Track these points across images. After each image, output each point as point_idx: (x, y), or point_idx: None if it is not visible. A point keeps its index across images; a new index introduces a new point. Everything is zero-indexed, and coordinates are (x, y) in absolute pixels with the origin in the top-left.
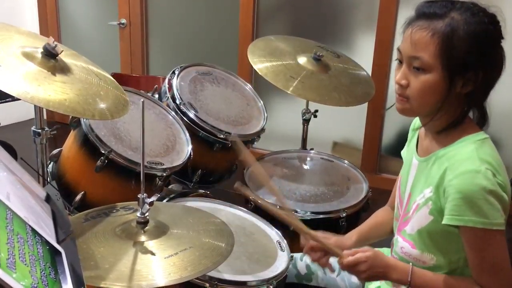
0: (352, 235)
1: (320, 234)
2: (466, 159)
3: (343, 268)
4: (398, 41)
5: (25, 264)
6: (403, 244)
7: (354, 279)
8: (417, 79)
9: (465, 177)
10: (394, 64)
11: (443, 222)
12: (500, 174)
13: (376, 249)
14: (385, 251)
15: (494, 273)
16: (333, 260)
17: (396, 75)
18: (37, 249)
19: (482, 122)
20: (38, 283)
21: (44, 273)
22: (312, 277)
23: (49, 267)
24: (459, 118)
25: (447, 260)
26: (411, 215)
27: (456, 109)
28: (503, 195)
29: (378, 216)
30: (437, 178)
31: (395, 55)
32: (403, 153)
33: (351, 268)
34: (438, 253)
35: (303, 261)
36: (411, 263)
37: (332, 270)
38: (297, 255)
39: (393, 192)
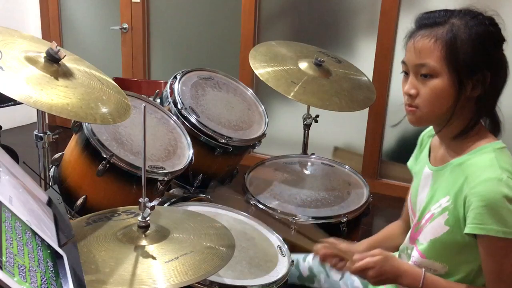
0: (363, 244)
1: (332, 240)
2: (488, 167)
3: (352, 272)
4: (399, 47)
5: (26, 268)
6: (414, 253)
7: (357, 283)
8: (426, 86)
9: (487, 184)
10: (395, 69)
11: (466, 231)
12: None
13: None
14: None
15: (509, 283)
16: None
17: (403, 87)
18: (39, 252)
19: (495, 130)
20: (38, 287)
21: (45, 277)
22: (314, 279)
23: (51, 271)
24: (471, 122)
25: (459, 271)
26: (423, 224)
27: (468, 115)
28: None
29: (390, 228)
30: (456, 187)
31: (396, 61)
32: (410, 165)
33: (360, 273)
34: (451, 264)
35: (306, 262)
36: (423, 269)
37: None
38: (299, 257)
39: (405, 206)
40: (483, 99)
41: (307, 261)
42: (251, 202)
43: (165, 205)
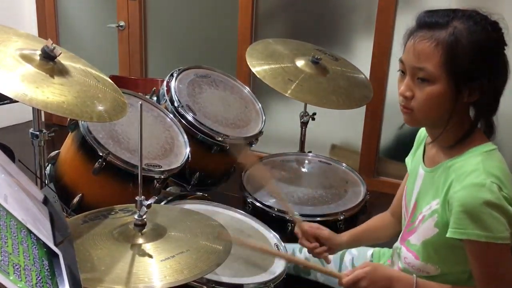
0: (345, 234)
1: (314, 225)
2: (472, 172)
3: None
4: (396, 45)
5: (21, 267)
6: (407, 254)
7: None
8: (422, 91)
9: (469, 190)
10: (392, 67)
11: (447, 235)
12: (506, 187)
13: (377, 248)
14: (386, 252)
15: (499, 287)
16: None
17: (399, 86)
18: (34, 251)
19: (489, 132)
20: (34, 286)
21: (40, 276)
22: (310, 271)
23: (46, 270)
24: (469, 130)
25: (452, 272)
26: (416, 225)
27: (464, 120)
28: (509, 209)
29: (374, 220)
30: (444, 190)
31: (393, 59)
32: (408, 161)
33: (352, 286)
34: (443, 265)
35: (302, 253)
36: (414, 275)
37: (328, 262)
38: (295, 247)
39: (395, 199)
40: (481, 104)
41: (303, 252)
42: (248, 200)
43: (162, 203)
